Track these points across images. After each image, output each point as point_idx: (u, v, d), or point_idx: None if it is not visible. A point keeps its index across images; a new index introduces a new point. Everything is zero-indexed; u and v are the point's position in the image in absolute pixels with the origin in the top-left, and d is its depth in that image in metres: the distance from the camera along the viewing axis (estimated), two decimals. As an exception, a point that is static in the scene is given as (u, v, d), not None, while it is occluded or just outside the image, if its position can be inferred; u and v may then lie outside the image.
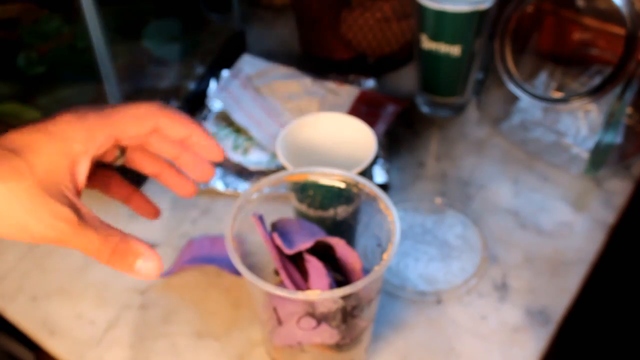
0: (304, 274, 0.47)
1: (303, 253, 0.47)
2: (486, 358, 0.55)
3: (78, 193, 0.39)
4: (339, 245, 0.48)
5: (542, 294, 0.59)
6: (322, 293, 0.44)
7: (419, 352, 0.55)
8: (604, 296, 0.84)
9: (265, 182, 0.49)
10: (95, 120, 0.39)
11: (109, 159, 0.43)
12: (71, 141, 0.38)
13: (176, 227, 0.65)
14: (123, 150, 0.44)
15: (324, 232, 0.49)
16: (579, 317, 0.64)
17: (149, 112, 0.41)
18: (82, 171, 0.39)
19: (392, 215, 0.47)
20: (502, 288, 0.59)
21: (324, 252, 0.48)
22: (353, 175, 0.49)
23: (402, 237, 0.63)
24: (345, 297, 0.44)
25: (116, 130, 0.40)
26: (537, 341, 0.55)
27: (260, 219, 0.47)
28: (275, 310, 0.46)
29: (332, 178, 0.50)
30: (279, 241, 0.47)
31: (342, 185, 0.50)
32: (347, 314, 0.45)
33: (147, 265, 0.38)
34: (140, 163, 0.45)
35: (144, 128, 0.41)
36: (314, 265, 0.46)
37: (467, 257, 0.62)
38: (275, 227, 0.49)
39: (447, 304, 0.58)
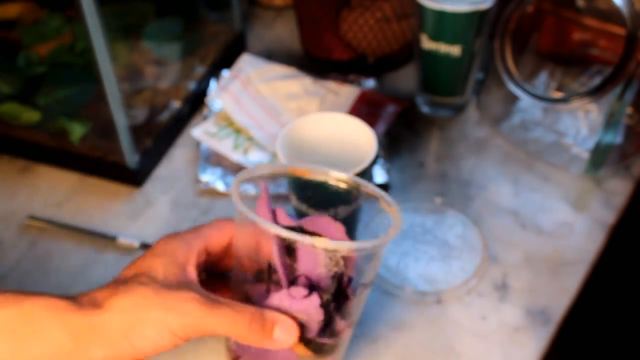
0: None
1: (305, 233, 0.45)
2: (486, 358, 0.55)
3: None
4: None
5: (542, 294, 0.59)
6: (340, 242, 0.42)
7: (419, 352, 0.55)
8: (604, 296, 0.84)
9: (268, 167, 0.49)
10: (189, 236, 0.45)
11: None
12: (175, 253, 0.43)
13: (177, 227, 0.65)
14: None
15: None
16: (579, 317, 0.64)
17: (227, 225, 0.46)
18: (192, 271, 0.43)
19: (395, 209, 0.46)
20: (502, 288, 0.59)
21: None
22: (353, 177, 0.49)
23: (402, 237, 0.63)
24: (345, 266, 0.42)
25: (206, 241, 0.45)
26: (537, 341, 0.55)
27: (267, 190, 0.46)
28: (268, 268, 0.43)
29: (331, 179, 0.49)
30: (283, 215, 0.46)
31: (343, 186, 0.50)
32: (341, 288, 0.43)
33: (285, 334, 0.41)
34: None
35: (226, 239, 0.46)
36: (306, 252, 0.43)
37: (467, 257, 0.62)
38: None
39: (447, 304, 0.58)
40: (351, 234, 0.56)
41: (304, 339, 0.44)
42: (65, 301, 0.40)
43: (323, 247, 0.41)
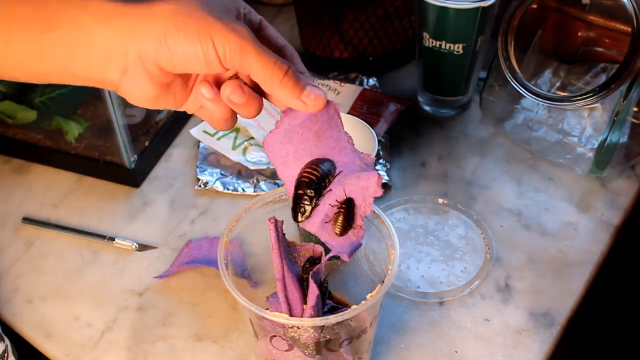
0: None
1: (309, 277, 0.46)
2: (490, 361, 0.54)
3: None
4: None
5: (546, 295, 0.58)
6: (286, 318, 0.43)
7: (421, 354, 0.54)
8: (609, 298, 0.83)
9: (260, 198, 0.49)
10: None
11: None
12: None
13: (175, 227, 0.65)
14: None
15: None
16: (584, 319, 0.64)
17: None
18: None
19: (394, 251, 0.46)
20: (506, 290, 0.59)
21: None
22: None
23: (404, 238, 0.63)
24: (316, 328, 0.43)
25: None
26: (541, 344, 0.55)
27: (276, 224, 0.46)
28: (250, 322, 0.46)
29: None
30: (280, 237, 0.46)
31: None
32: (321, 346, 0.44)
33: (315, 94, 0.39)
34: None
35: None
36: (311, 290, 0.44)
37: (470, 258, 0.61)
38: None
39: (449, 305, 0.58)
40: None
41: None
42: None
43: (274, 320, 0.42)
